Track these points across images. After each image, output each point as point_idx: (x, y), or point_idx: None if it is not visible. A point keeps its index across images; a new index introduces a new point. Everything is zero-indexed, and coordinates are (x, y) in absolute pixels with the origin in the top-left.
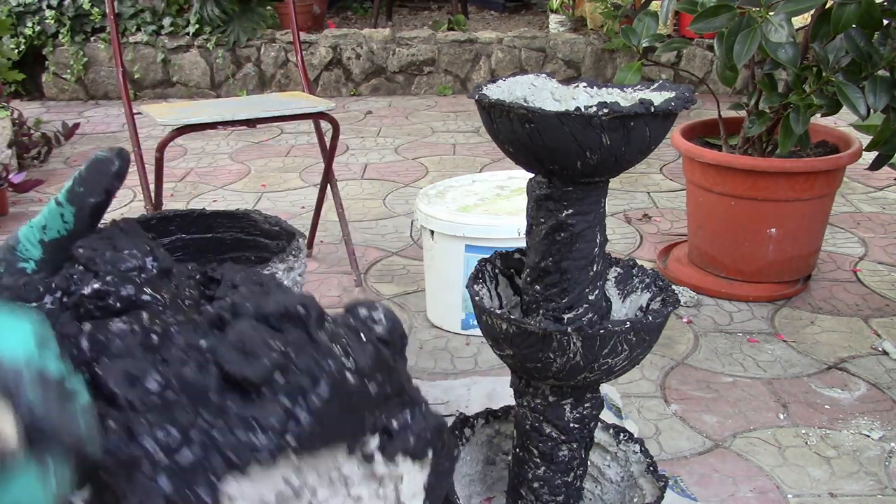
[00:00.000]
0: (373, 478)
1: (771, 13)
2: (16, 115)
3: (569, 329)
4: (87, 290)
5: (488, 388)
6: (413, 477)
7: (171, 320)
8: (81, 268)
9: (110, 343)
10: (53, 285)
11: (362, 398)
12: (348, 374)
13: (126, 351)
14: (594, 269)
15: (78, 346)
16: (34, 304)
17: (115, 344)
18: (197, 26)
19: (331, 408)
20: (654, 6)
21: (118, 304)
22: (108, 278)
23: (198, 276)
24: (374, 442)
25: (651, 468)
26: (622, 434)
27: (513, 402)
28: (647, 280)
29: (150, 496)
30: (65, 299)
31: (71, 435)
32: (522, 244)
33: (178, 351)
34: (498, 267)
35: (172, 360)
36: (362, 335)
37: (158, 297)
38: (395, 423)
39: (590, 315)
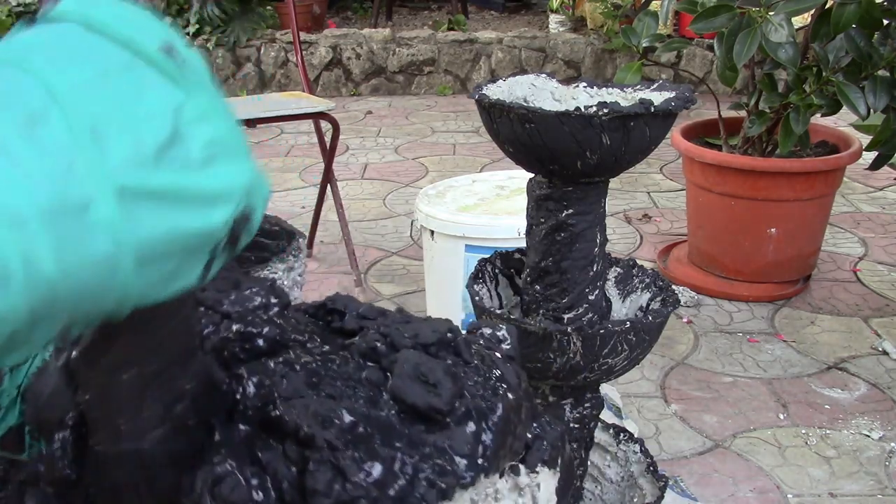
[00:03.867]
0: (516, 488)
1: (771, 13)
2: None
3: (569, 329)
4: (230, 334)
5: None
6: (548, 484)
7: (318, 356)
8: (208, 311)
9: (277, 386)
10: None
11: (518, 414)
12: (510, 394)
13: (294, 391)
14: (594, 269)
15: (244, 392)
16: None
17: (282, 387)
18: (197, 26)
19: (505, 427)
20: (654, 6)
21: (265, 345)
22: (249, 318)
23: (310, 308)
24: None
25: (651, 468)
26: (622, 434)
27: None
28: (647, 280)
29: None
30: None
31: None
32: (522, 244)
33: (344, 387)
34: (498, 267)
35: (340, 397)
36: (498, 354)
37: (299, 334)
38: (529, 435)
39: (590, 315)
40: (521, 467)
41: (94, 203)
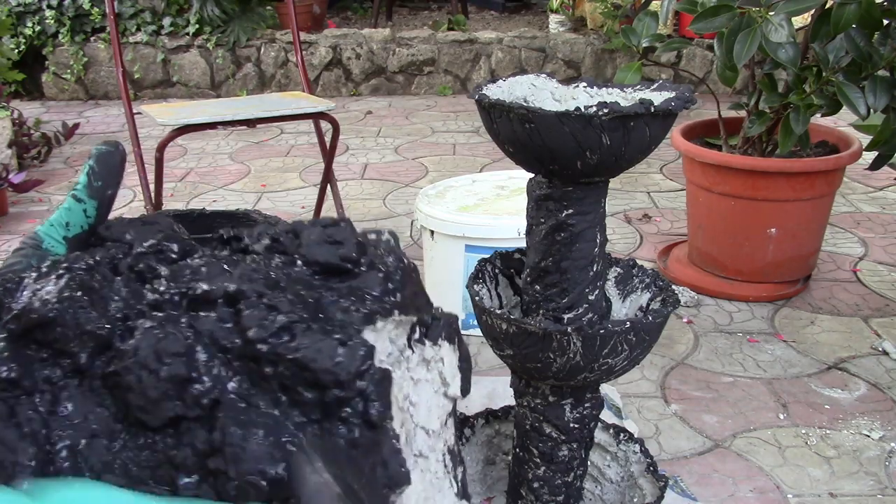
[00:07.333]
0: (423, 361)
1: (771, 13)
2: (16, 115)
3: (569, 329)
4: (142, 249)
5: (488, 388)
6: (451, 359)
7: (224, 258)
8: (115, 242)
9: (197, 274)
10: (98, 258)
11: (415, 272)
12: (402, 259)
13: (215, 274)
14: (594, 269)
15: (166, 284)
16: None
17: (202, 273)
18: (197, 26)
19: (405, 273)
20: (654, 6)
21: (178, 251)
22: (160, 234)
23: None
24: (419, 330)
25: (651, 468)
26: (622, 434)
27: (513, 402)
28: (647, 280)
29: (326, 344)
30: (115, 265)
31: None
32: (522, 244)
33: (256, 270)
34: (498, 267)
35: (254, 276)
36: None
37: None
38: (427, 317)
39: (590, 315)
40: (426, 339)
41: None
